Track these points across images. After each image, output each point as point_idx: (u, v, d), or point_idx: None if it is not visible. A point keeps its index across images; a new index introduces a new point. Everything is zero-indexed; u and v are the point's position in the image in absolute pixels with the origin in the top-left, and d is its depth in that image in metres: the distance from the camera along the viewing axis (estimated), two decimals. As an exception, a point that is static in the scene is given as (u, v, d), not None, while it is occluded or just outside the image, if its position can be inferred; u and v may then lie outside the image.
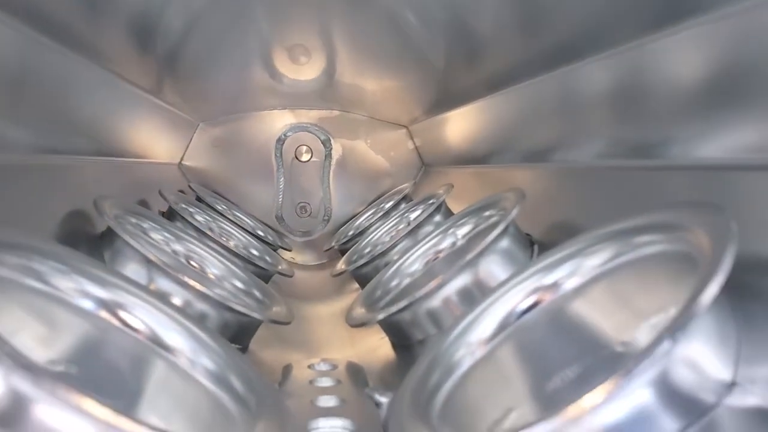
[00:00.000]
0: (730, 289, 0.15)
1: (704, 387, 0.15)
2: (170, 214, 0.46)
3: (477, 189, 0.48)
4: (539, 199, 0.33)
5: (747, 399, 0.15)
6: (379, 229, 0.54)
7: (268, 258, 0.50)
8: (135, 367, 0.19)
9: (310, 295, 0.51)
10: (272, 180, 0.70)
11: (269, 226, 0.68)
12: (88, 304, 0.19)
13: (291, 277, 0.50)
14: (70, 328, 0.18)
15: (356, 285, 0.51)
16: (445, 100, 0.57)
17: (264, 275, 0.45)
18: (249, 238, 0.53)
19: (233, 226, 0.55)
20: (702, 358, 0.15)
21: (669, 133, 0.25)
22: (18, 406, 0.14)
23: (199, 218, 0.48)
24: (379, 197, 0.71)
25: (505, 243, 0.29)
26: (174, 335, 0.20)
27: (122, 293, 0.20)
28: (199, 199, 0.61)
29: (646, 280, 0.18)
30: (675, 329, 0.14)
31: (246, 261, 0.44)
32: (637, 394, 0.14)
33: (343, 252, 0.61)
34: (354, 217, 0.68)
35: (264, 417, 0.19)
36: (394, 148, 0.71)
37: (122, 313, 0.20)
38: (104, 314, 0.19)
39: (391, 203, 0.63)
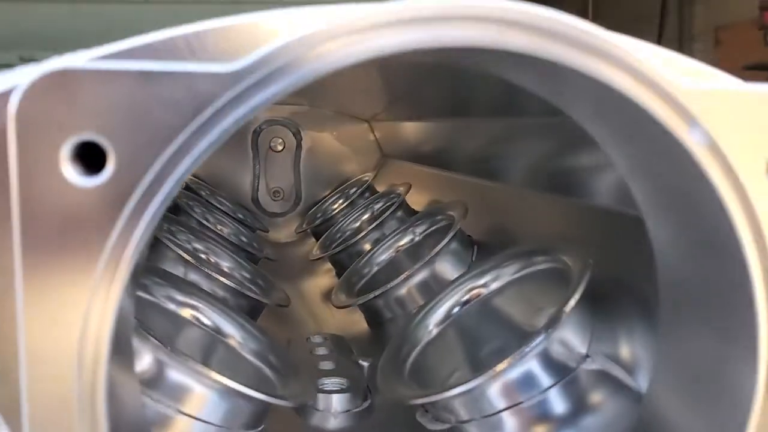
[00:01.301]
0: (587, 295, 0.25)
1: (569, 357, 0.24)
2: (174, 208, 0.55)
3: (431, 187, 0.57)
4: (478, 207, 0.42)
5: (594, 365, 0.24)
6: (347, 216, 0.63)
7: (255, 244, 0.58)
8: (205, 349, 0.28)
9: (291, 275, 0.60)
10: (248, 167, 0.78)
11: (246, 209, 0.77)
12: (173, 306, 0.28)
13: (275, 261, 0.58)
14: (161, 324, 0.27)
15: (328, 266, 0.60)
16: (401, 102, 0.66)
17: (254, 259, 0.54)
18: (236, 224, 0.61)
19: (221, 213, 0.63)
20: (568, 339, 0.25)
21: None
22: (160, 373, 0.23)
23: (197, 210, 0.57)
24: (342, 183, 0.80)
25: (454, 245, 0.39)
26: (228, 326, 0.29)
27: (195, 298, 0.29)
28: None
29: (541, 286, 0.28)
30: (550, 323, 0.24)
31: (239, 248, 0.53)
32: (528, 362, 0.24)
33: (314, 233, 0.70)
34: (322, 200, 0.77)
35: (291, 379, 0.28)
36: (356, 140, 0.80)
37: (194, 312, 0.29)
38: (184, 312, 0.28)
39: (355, 190, 0.72)
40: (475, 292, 0.31)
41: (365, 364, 0.34)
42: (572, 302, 0.24)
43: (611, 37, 0.15)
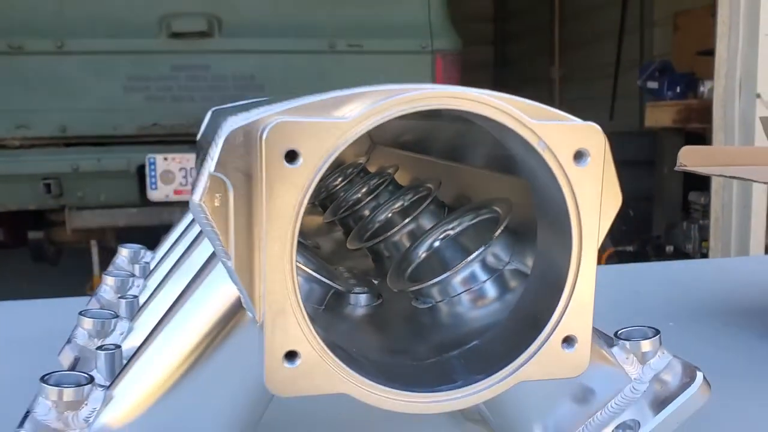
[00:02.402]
0: (508, 228, 0.43)
1: (497, 263, 0.43)
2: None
3: (413, 168, 0.76)
4: (448, 182, 0.61)
5: (512, 266, 0.43)
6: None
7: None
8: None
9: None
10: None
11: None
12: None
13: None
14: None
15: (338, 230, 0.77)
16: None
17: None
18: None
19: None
20: (497, 253, 0.43)
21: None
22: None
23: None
24: (339, 165, 0.98)
25: (432, 206, 0.58)
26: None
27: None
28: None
29: (485, 226, 0.47)
30: (486, 245, 0.43)
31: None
32: (473, 266, 0.43)
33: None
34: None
35: (335, 281, 0.46)
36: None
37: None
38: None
39: (352, 170, 0.90)
40: (446, 233, 0.50)
41: (375, 282, 0.52)
42: (497, 233, 0.43)
43: (509, 100, 0.34)
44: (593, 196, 0.34)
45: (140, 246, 0.82)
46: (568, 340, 0.35)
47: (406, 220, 0.56)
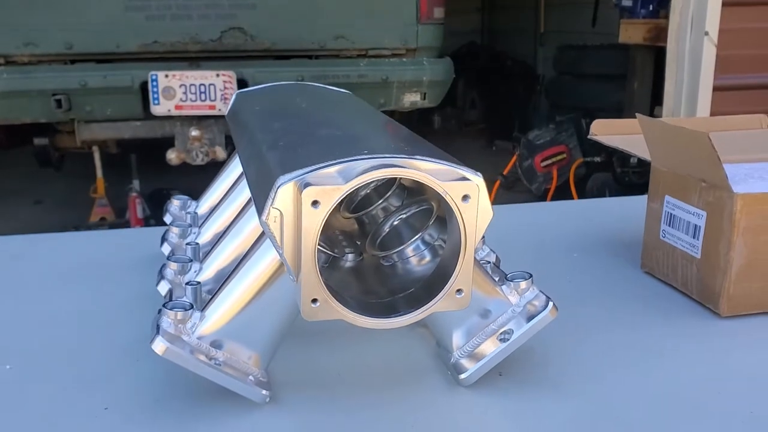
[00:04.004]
0: (440, 216, 0.74)
1: (431, 240, 0.74)
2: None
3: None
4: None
5: (438, 242, 0.74)
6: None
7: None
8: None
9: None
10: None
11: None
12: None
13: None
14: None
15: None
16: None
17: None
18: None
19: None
20: (432, 233, 0.74)
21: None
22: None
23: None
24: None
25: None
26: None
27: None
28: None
29: (427, 213, 0.78)
30: (424, 229, 0.73)
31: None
32: (418, 241, 0.74)
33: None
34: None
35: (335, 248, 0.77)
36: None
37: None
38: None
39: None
40: (401, 216, 0.80)
41: (358, 243, 0.83)
42: (431, 222, 0.73)
43: (427, 168, 0.64)
44: (472, 218, 0.64)
45: (188, 197, 1.12)
46: (459, 291, 0.66)
47: (380, 201, 0.86)
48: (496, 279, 0.80)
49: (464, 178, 0.64)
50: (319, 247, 0.57)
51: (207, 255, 0.88)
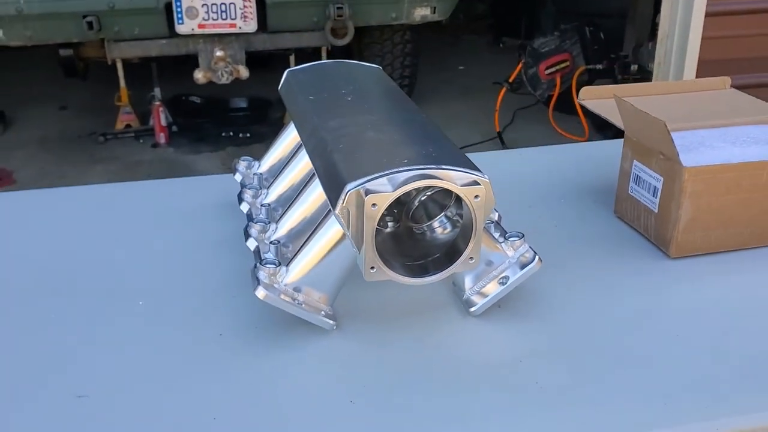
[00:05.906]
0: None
1: (452, 215, 1.03)
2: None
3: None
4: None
5: (457, 217, 1.03)
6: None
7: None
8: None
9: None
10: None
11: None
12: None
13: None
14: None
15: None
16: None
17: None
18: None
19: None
20: (453, 210, 1.03)
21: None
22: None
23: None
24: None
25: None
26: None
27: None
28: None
29: (448, 193, 1.07)
30: (447, 207, 1.02)
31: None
32: (442, 217, 1.02)
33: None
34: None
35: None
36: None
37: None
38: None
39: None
40: (427, 194, 1.09)
41: (396, 211, 1.12)
42: (452, 202, 1.02)
43: (448, 175, 0.92)
44: (481, 210, 0.93)
45: (253, 158, 1.40)
46: (471, 258, 0.96)
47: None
48: (497, 236, 1.09)
49: (475, 183, 0.92)
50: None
51: (280, 217, 1.17)
